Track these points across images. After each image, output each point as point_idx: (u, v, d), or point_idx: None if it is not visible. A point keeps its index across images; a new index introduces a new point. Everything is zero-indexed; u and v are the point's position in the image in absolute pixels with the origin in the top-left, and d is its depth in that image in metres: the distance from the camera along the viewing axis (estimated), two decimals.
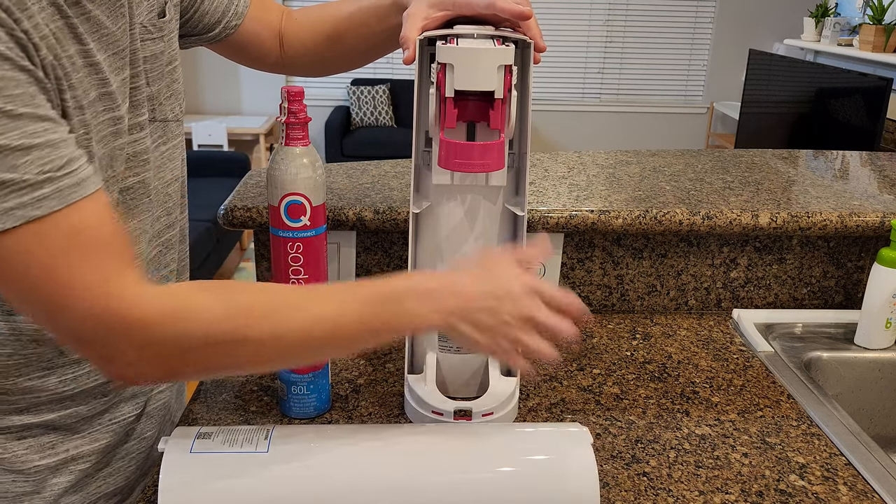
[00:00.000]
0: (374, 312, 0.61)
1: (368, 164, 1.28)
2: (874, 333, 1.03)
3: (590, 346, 1.03)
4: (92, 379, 0.74)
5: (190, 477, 0.63)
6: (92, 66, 0.60)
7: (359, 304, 0.61)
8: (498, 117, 0.73)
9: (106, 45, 0.62)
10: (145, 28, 0.70)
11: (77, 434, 0.76)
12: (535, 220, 1.05)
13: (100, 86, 0.61)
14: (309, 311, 0.60)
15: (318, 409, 0.84)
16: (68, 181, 0.54)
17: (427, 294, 0.62)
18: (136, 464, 0.83)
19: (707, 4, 5.33)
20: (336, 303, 0.61)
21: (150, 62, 0.71)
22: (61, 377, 0.72)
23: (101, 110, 0.62)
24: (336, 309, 0.61)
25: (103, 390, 0.76)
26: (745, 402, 0.91)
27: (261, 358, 0.61)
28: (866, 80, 3.34)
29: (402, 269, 1.11)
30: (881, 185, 1.26)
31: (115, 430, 0.79)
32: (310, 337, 0.60)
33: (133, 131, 0.69)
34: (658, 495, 0.74)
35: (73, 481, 0.76)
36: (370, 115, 5.14)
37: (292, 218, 0.74)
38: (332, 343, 0.62)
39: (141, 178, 0.72)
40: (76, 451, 0.76)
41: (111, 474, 0.80)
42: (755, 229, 1.08)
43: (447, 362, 0.86)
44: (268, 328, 0.58)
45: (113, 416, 0.78)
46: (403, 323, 0.63)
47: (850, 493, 0.75)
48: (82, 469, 0.77)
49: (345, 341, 0.62)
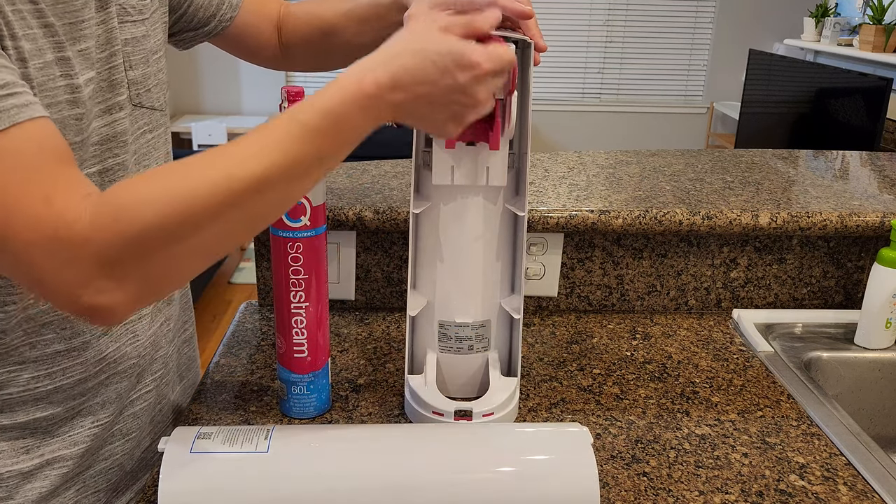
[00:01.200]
0: (321, 144, 0.57)
1: (368, 164, 1.28)
2: (874, 333, 1.03)
3: (590, 346, 1.03)
4: (67, 375, 0.72)
5: (190, 477, 0.63)
6: (47, 28, 0.60)
7: (302, 144, 0.56)
8: (497, 138, 0.74)
9: (62, 13, 0.62)
10: (124, 9, 0.70)
11: (55, 437, 0.73)
12: (535, 220, 1.05)
13: (56, 49, 0.60)
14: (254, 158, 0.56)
15: (318, 409, 0.84)
16: (12, 101, 0.52)
17: (367, 106, 0.57)
18: (119, 465, 0.81)
19: (707, 4, 5.33)
20: (282, 149, 0.56)
21: (131, 45, 0.71)
22: (34, 373, 0.69)
23: (59, 75, 0.61)
24: (283, 155, 0.56)
25: (81, 389, 0.73)
26: (745, 402, 0.91)
27: (227, 226, 0.56)
28: (866, 80, 3.34)
29: (402, 269, 1.11)
30: (881, 185, 1.26)
31: (95, 434, 0.76)
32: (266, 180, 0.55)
33: (112, 111, 0.69)
34: (658, 495, 0.74)
35: (50, 487, 0.73)
36: None
37: (292, 218, 0.74)
38: (288, 183, 0.57)
39: (120, 160, 0.71)
40: (52, 455, 0.73)
41: (93, 476, 0.78)
42: (755, 229, 1.08)
43: (447, 362, 0.86)
44: (221, 191, 0.54)
45: (96, 417, 0.76)
46: (355, 138, 0.59)
47: (850, 493, 0.75)
48: (60, 474, 0.74)
49: (300, 179, 0.58)
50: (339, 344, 1.02)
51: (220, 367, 0.95)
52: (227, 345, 1.01)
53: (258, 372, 0.94)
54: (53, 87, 0.60)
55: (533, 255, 1.10)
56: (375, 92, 0.57)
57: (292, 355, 0.80)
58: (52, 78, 0.60)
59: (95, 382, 0.75)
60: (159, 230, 0.53)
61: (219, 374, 0.93)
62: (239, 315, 1.10)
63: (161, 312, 0.84)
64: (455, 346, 0.85)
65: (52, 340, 0.70)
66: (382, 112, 0.58)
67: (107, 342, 0.75)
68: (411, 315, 0.84)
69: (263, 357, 0.98)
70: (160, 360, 0.85)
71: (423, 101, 0.59)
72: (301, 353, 0.80)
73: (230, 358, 0.97)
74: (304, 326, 0.78)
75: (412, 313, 0.84)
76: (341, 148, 0.58)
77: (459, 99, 0.60)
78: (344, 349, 1.00)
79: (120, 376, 0.78)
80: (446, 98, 0.59)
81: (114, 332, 0.75)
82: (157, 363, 0.85)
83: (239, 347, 1.00)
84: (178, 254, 0.55)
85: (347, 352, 1.00)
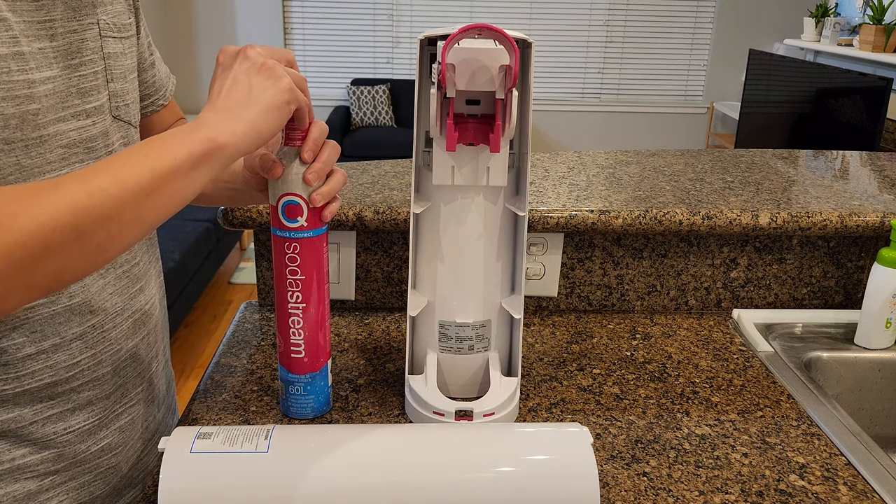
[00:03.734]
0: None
1: (368, 164, 1.28)
2: (874, 333, 1.04)
3: (590, 346, 1.03)
4: (36, 379, 0.71)
5: (190, 477, 0.63)
6: (1, 22, 0.61)
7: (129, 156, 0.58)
8: (497, 140, 0.74)
9: (21, 11, 0.63)
10: (108, 24, 0.74)
11: (24, 441, 0.72)
12: (536, 220, 1.05)
13: (11, 44, 0.62)
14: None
15: (315, 411, 0.84)
16: None
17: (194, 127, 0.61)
18: (103, 479, 0.79)
19: (707, 4, 5.33)
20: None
21: (112, 59, 0.74)
22: (3, 375, 0.69)
23: (16, 69, 0.62)
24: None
25: (49, 393, 0.72)
26: (745, 402, 0.91)
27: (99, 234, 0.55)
28: (866, 80, 3.34)
29: (402, 269, 1.11)
30: (881, 185, 1.26)
31: (68, 440, 0.75)
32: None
33: (80, 118, 0.70)
34: (658, 495, 0.74)
35: (22, 492, 0.72)
36: (370, 115, 5.14)
37: (289, 218, 0.74)
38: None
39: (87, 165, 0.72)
40: (23, 459, 0.72)
41: (74, 489, 0.77)
42: (755, 229, 1.08)
43: (448, 362, 0.86)
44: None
45: (67, 424, 0.74)
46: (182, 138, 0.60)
47: (850, 493, 0.75)
48: (31, 480, 0.73)
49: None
50: (339, 344, 1.02)
51: (220, 367, 0.95)
52: (227, 345, 1.01)
53: (258, 372, 0.94)
54: (9, 80, 0.61)
55: (533, 255, 1.10)
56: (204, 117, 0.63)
57: (290, 356, 0.80)
58: (6, 71, 0.61)
59: (66, 388, 0.74)
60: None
61: (219, 374, 0.93)
62: (239, 315, 1.10)
63: (144, 326, 0.83)
64: (455, 346, 0.85)
65: (22, 344, 0.69)
66: (204, 116, 0.62)
67: (80, 347, 0.74)
68: (412, 315, 0.84)
69: (263, 357, 0.98)
70: (142, 375, 0.84)
71: (231, 90, 0.64)
72: (298, 354, 0.79)
73: (230, 358, 0.97)
74: (301, 327, 0.78)
75: (412, 313, 0.84)
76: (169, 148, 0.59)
77: (246, 66, 0.64)
78: (344, 349, 1.00)
79: (94, 384, 0.76)
80: (239, 72, 0.64)
81: (88, 338, 0.74)
82: (141, 378, 0.84)
83: (239, 347, 1.00)
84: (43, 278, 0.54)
85: (347, 352, 1.00)
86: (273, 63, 0.64)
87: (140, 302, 0.81)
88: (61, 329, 0.71)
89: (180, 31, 5.22)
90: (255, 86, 0.63)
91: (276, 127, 0.64)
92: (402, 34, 5.38)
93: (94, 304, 0.74)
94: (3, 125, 0.61)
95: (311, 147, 0.71)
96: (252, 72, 0.63)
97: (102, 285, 0.75)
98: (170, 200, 0.58)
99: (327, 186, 0.73)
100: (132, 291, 0.80)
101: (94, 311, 0.74)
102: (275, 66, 0.64)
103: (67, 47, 0.69)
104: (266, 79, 0.63)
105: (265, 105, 0.63)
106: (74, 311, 0.72)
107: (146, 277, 0.83)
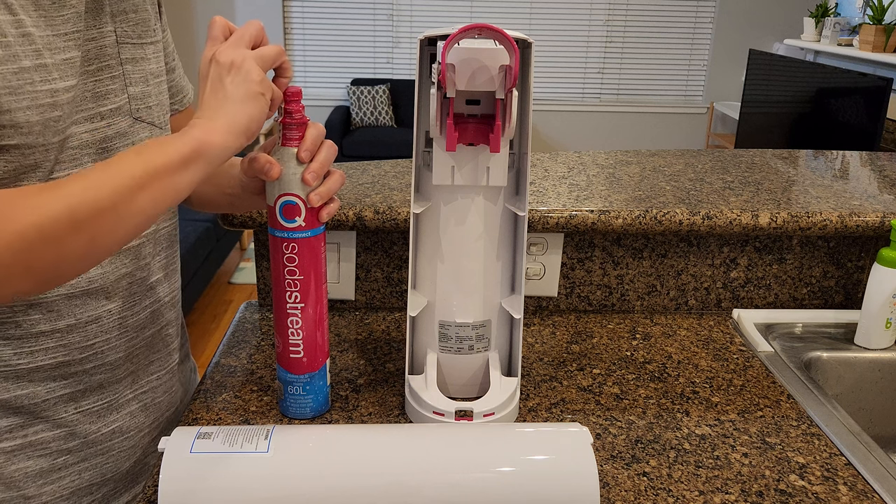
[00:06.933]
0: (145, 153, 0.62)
1: (368, 164, 1.28)
2: (874, 333, 1.04)
3: (590, 346, 1.03)
4: (49, 356, 0.73)
5: (190, 477, 0.63)
6: (25, 37, 0.63)
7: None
8: (497, 141, 0.74)
9: (45, 25, 0.66)
10: (125, 32, 0.76)
11: (37, 418, 0.75)
12: (536, 220, 1.05)
13: (34, 57, 0.64)
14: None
15: (314, 411, 0.84)
16: None
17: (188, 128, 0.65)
18: (115, 462, 0.82)
19: (707, 4, 5.33)
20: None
21: (131, 64, 0.77)
22: (17, 349, 0.72)
23: (39, 80, 0.64)
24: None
25: (63, 373, 0.75)
26: (745, 402, 0.91)
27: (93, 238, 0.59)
28: (866, 80, 3.34)
29: (402, 269, 1.11)
30: (881, 185, 1.26)
31: (79, 420, 0.78)
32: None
33: (94, 120, 0.72)
34: (658, 495, 0.74)
35: (34, 469, 0.75)
36: (370, 115, 5.14)
37: (287, 218, 0.74)
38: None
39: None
40: (35, 436, 0.75)
41: (87, 469, 0.80)
42: (755, 229, 1.08)
43: (448, 362, 0.86)
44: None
45: (78, 404, 0.77)
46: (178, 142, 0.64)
47: (850, 493, 0.75)
48: (44, 458, 0.76)
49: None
50: (339, 344, 1.02)
51: (220, 367, 0.95)
52: (227, 345, 1.01)
53: (258, 372, 0.94)
54: (33, 90, 0.64)
55: (533, 255, 1.10)
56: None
57: (288, 356, 0.80)
58: (31, 83, 0.64)
59: (79, 369, 0.76)
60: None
61: (219, 374, 0.93)
62: (239, 315, 1.10)
63: (162, 317, 0.86)
64: (455, 346, 0.85)
65: (37, 321, 0.72)
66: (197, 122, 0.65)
67: (95, 330, 0.76)
68: (411, 315, 0.84)
69: (263, 357, 0.98)
70: (158, 364, 0.87)
71: (210, 95, 0.67)
72: (297, 354, 0.79)
73: (230, 358, 0.97)
74: (299, 327, 0.78)
75: (412, 313, 0.84)
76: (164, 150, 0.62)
77: (218, 70, 0.67)
78: (344, 349, 1.00)
79: (107, 368, 0.79)
80: (214, 78, 0.67)
81: (103, 322, 0.77)
82: (155, 365, 0.86)
83: (239, 347, 1.00)
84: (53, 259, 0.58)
85: (347, 352, 1.00)
86: (241, 59, 0.67)
87: (159, 293, 0.84)
88: (77, 311, 0.74)
89: (180, 31, 5.22)
90: (228, 85, 0.66)
91: (257, 117, 0.67)
92: (402, 34, 5.38)
93: (111, 291, 0.77)
94: (27, 132, 0.64)
95: (308, 147, 0.72)
96: (223, 73, 0.67)
97: (122, 274, 0.78)
98: (162, 195, 0.62)
99: (325, 186, 0.74)
100: (151, 282, 0.83)
101: (111, 297, 0.77)
102: (243, 61, 0.67)
103: (86, 54, 0.71)
104: (236, 76, 0.66)
105: (240, 99, 0.66)
106: (91, 296, 0.75)
107: (166, 271, 0.86)
